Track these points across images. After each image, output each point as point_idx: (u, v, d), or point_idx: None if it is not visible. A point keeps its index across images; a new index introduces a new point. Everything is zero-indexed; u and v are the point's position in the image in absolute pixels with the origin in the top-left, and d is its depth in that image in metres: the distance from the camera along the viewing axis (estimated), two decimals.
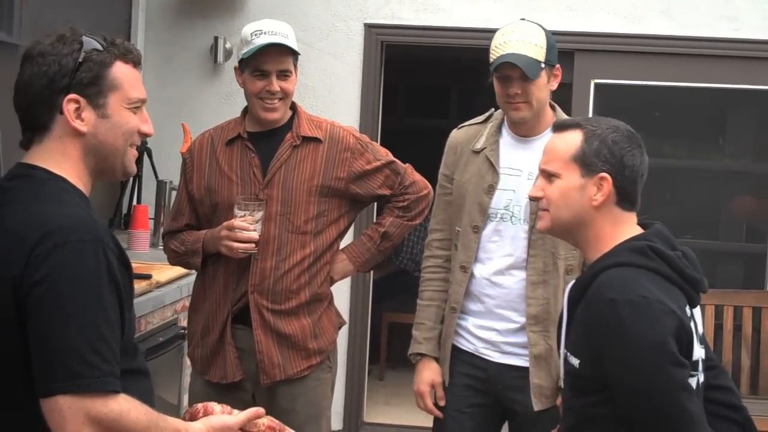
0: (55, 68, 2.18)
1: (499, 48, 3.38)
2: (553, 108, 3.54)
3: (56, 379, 1.98)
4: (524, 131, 3.50)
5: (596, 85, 6.06)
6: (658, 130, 6.33)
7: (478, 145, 3.53)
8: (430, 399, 3.58)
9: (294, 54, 3.58)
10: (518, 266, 3.45)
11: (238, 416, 2.34)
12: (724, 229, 6.64)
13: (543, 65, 3.38)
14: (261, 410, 2.39)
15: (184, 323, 4.60)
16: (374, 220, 4.25)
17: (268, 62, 3.52)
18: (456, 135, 3.66)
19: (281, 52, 3.53)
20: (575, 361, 2.51)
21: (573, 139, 2.57)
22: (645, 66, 6.06)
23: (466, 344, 3.55)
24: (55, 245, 2.02)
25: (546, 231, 2.71)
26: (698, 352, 2.50)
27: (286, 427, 2.45)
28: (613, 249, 2.51)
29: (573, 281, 2.61)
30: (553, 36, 3.46)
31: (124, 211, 5.93)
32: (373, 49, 6.19)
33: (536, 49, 3.37)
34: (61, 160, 2.21)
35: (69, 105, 2.19)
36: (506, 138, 3.53)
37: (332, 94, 6.18)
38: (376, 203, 4.07)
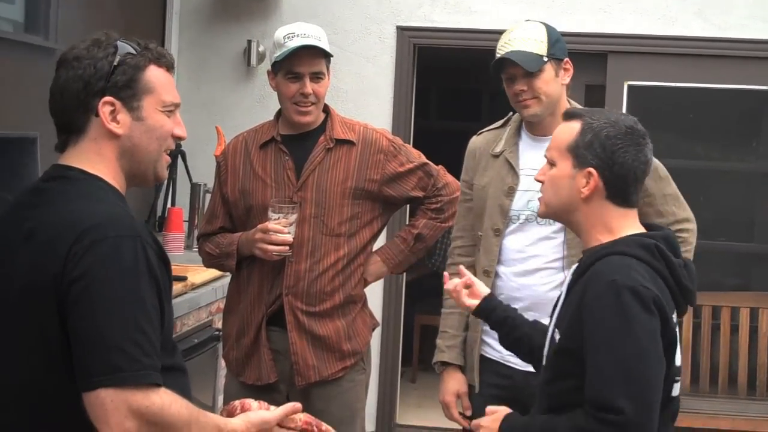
0: (90, 71, 2.20)
1: (500, 50, 3.38)
2: (569, 102, 3.48)
3: (97, 373, 1.99)
4: (542, 131, 3.43)
5: (629, 87, 6.03)
6: (692, 131, 6.31)
7: (498, 149, 3.50)
8: (456, 409, 3.55)
9: (327, 56, 3.59)
10: (547, 267, 3.39)
11: (275, 411, 2.35)
12: (759, 231, 6.59)
13: (546, 59, 3.34)
14: (298, 405, 2.40)
15: (218, 325, 4.62)
16: (407, 222, 4.26)
17: (302, 65, 3.53)
18: (475, 141, 3.62)
19: (314, 54, 3.54)
20: (557, 336, 2.52)
21: (571, 130, 2.57)
22: (678, 67, 6.03)
23: (492, 352, 3.47)
24: (93, 241, 2.04)
25: (542, 215, 2.74)
26: (678, 359, 2.51)
27: (323, 423, 2.45)
28: (619, 239, 2.51)
29: (575, 265, 2.60)
30: (557, 31, 3.43)
31: (159, 213, 5.96)
32: (406, 52, 6.19)
33: (536, 44, 3.35)
34: (96, 160, 2.23)
35: (104, 107, 2.21)
36: (525, 140, 3.49)
37: (365, 96, 6.19)
38: (408, 205, 4.09)
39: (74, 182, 2.20)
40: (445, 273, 3.16)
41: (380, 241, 3.86)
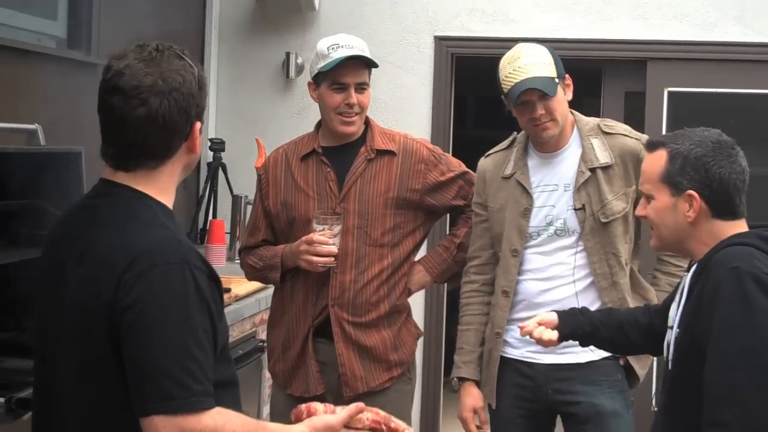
0: (190, 101, 2.19)
1: (511, 77, 3.42)
2: (572, 113, 3.56)
3: (151, 400, 2.02)
4: (551, 147, 3.52)
5: (670, 93, 6.00)
6: (734, 137, 6.23)
7: (508, 171, 3.55)
8: (473, 424, 3.61)
9: (370, 67, 3.60)
10: (567, 275, 3.48)
11: (340, 414, 2.34)
12: None
13: (557, 80, 3.41)
14: (362, 405, 2.39)
15: (262, 336, 4.63)
16: (447, 231, 4.26)
17: (347, 75, 3.54)
18: (484, 163, 3.67)
19: (359, 65, 3.55)
20: (676, 332, 2.54)
21: (659, 159, 2.61)
22: (719, 73, 5.99)
23: (512, 351, 3.54)
24: (143, 270, 2.05)
25: (657, 249, 2.80)
26: None
27: (392, 419, 2.42)
28: (736, 234, 2.54)
29: (695, 265, 2.60)
30: (555, 51, 3.49)
31: (200, 225, 6.00)
32: (444, 62, 6.19)
33: (547, 67, 3.42)
34: (162, 180, 2.22)
35: (197, 131, 2.23)
36: (534, 158, 3.55)
37: (403, 107, 6.19)
38: (448, 214, 4.09)
39: (122, 201, 2.19)
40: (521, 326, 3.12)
41: (421, 251, 3.86)
